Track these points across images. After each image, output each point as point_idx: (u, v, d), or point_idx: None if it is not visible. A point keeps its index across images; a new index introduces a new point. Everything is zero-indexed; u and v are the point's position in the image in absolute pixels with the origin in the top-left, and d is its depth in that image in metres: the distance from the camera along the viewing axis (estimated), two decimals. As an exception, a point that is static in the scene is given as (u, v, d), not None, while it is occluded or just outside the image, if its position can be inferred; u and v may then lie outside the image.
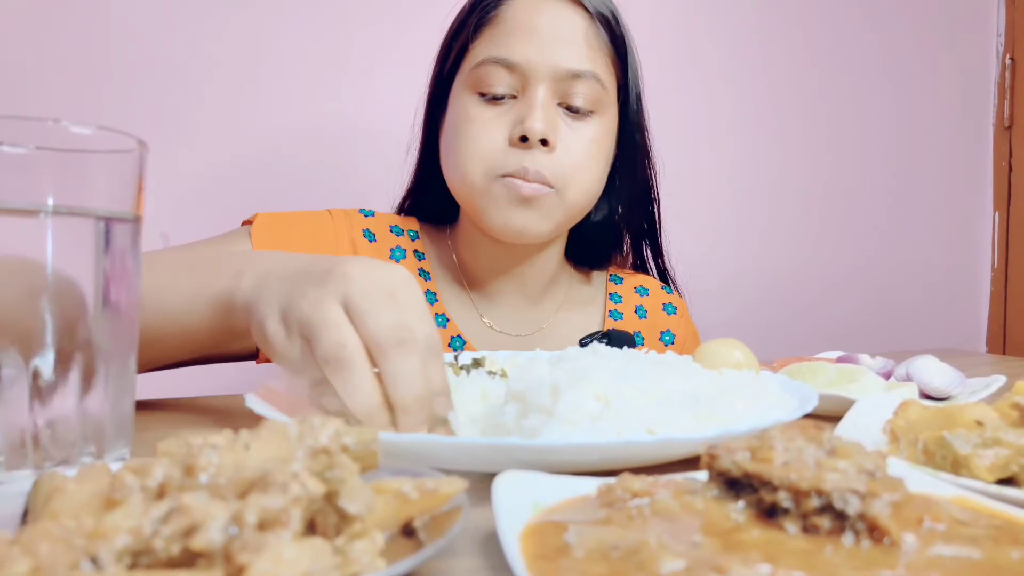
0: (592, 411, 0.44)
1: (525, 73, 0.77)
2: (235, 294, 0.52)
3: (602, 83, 0.80)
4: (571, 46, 0.78)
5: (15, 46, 1.11)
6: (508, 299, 0.90)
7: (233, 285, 0.53)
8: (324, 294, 0.44)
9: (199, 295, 0.56)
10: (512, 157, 0.77)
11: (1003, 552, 0.28)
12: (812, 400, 0.50)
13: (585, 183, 0.81)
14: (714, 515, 0.31)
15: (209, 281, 0.55)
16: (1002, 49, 1.91)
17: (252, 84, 1.25)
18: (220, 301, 0.54)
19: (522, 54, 0.77)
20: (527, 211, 0.78)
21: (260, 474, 0.26)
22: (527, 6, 0.79)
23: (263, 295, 0.49)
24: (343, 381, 0.43)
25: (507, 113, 0.78)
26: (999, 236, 1.93)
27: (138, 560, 0.23)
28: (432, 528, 0.30)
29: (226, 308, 0.54)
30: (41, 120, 0.38)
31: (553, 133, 0.77)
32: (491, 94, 0.78)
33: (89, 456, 0.39)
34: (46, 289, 0.38)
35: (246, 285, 0.52)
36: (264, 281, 0.50)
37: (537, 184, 0.77)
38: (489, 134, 0.78)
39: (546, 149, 0.77)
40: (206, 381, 0.92)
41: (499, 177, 0.77)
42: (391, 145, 0.96)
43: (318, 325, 0.43)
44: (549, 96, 0.78)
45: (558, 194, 0.79)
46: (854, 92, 1.76)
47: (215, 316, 0.55)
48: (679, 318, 0.99)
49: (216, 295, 0.54)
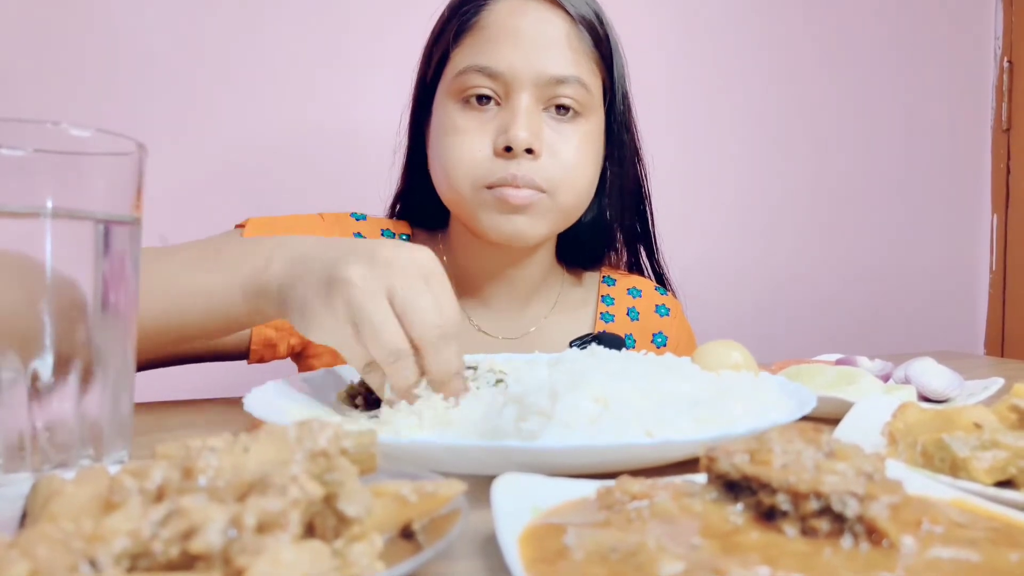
0: (591, 413, 0.44)
1: (508, 81, 0.77)
2: (266, 279, 0.56)
3: (586, 87, 0.79)
4: (554, 51, 0.77)
5: (13, 48, 1.11)
6: (498, 303, 0.89)
7: (263, 269, 0.57)
8: (373, 285, 0.49)
9: (229, 279, 0.58)
10: (498, 167, 0.76)
11: (1001, 554, 0.28)
12: (811, 402, 0.50)
13: (576, 185, 0.80)
14: (713, 517, 0.31)
15: (237, 266, 0.58)
16: (1000, 52, 1.91)
17: (245, 87, 1.26)
18: (250, 285, 0.57)
19: (504, 62, 0.76)
20: (518, 216, 0.78)
21: (259, 477, 0.26)
22: (508, 11, 0.78)
23: (302, 278, 0.53)
24: (396, 371, 0.50)
25: (491, 121, 0.78)
26: (997, 238, 1.93)
27: (137, 563, 0.23)
28: (431, 531, 0.30)
29: (256, 292, 0.57)
30: (40, 122, 0.38)
31: (538, 141, 0.76)
32: (474, 104, 0.78)
33: (87, 459, 0.39)
34: (45, 291, 0.38)
35: (278, 269, 0.56)
36: (301, 264, 0.54)
37: (527, 190, 0.77)
38: (474, 144, 0.77)
39: (531, 157, 0.76)
40: (200, 382, 0.92)
41: (487, 187, 0.77)
42: (384, 148, 0.96)
43: (373, 324, 0.49)
44: (533, 103, 0.77)
45: (550, 197, 0.78)
46: (852, 95, 1.76)
47: (245, 300, 0.58)
48: (672, 319, 0.98)
49: (246, 280, 0.57)
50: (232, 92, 1.24)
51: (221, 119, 1.24)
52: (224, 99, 1.24)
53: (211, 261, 0.60)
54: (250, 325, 0.63)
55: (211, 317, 0.60)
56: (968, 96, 1.90)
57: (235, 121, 1.25)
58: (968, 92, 1.90)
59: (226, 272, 0.59)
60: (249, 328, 0.71)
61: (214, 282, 0.59)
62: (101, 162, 0.40)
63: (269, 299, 0.56)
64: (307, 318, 0.52)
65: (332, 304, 0.50)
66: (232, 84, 1.24)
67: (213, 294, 0.59)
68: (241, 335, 0.77)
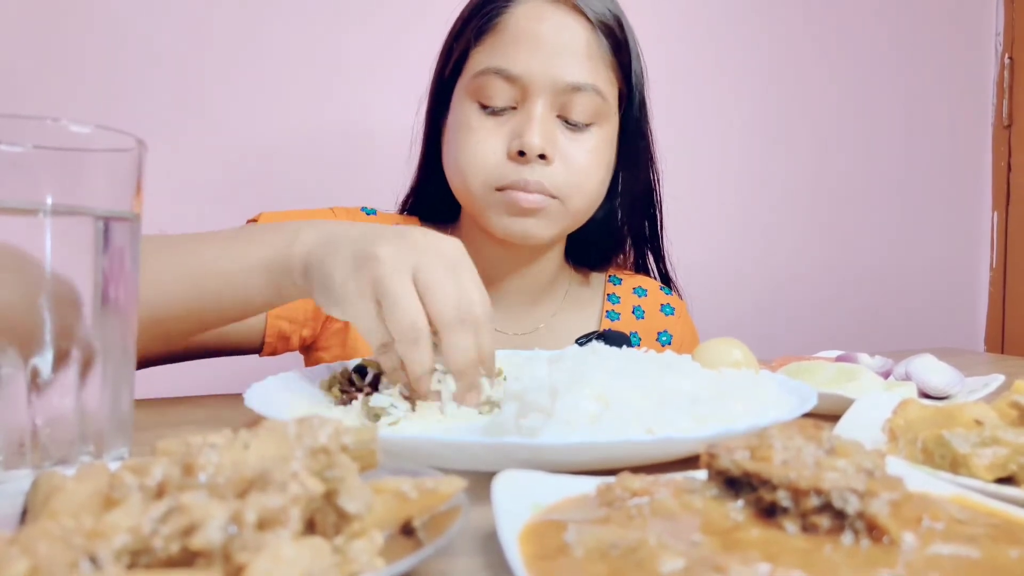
0: (591, 411, 0.44)
1: (525, 85, 0.77)
2: (292, 256, 0.57)
3: (602, 95, 0.79)
4: (572, 58, 0.77)
5: (14, 45, 1.11)
6: (507, 299, 0.90)
7: (287, 248, 0.58)
8: (399, 263, 0.51)
9: (251, 259, 0.59)
10: (511, 170, 0.77)
11: (1002, 551, 0.28)
12: (811, 399, 0.50)
13: (587, 192, 0.81)
14: (713, 514, 0.31)
15: (258, 247, 0.59)
16: (1001, 48, 1.91)
17: (254, 81, 1.25)
18: (274, 264, 0.58)
19: (522, 66, 0.77)
20: (527, 219, 0.79)
21: (259, 473, 0.26)
22: (529, 15, 0.78)
23: (330, 255, 0.54)
24: (411, 352, 0.51)
25: (506, 123, 0.79)
26: (998, 235, 1.93)
27: (137, 559, 0.23)
28: (431, 527, 0.30)
29: (280, 271, 0.58)
30: (40, 119, 0.38)
31: (551, 147, 0.77)
32: (491, 105, 0.78)
33: (88, 455, 0.39)
34: (44, 288, 0.38)
35: (303, 248, 0.57)
36: (329, 242, 0.55)
37: (538, 195, 0.78)
38: (488, 146, 0.78)
39: (544, 163, 0.77)
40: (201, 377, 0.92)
41: (498, 189, 0.78)
42: (395, 143, 0.96)
43: (394, 298, 0.50)
44: (548, 108, 0.78)
45: (561, 203, 0.79)
46: (853, 92, 1.76)
47: (267, 279, 0.58)
48: (677, 319, 0.99)
49: (270, 258, 0.58)
50: (239, 86, 1.24)
51: (227, 117, 1.24)
52: (229, 97, 1.24)
53: (232, 243, 0.61)
54: (269, 308, 0.63)
55: (231, 299, 0.60)
56: (969, 93, 1.90)
57: (241, 117, 1.25)
58: (969, 89, 1.90)
59: (248, 253, 0.59)
60: (266, 312, 0.71)
61: (235, 263, 0.59)
62: (101, 158, 0.40)
63: (293, 276, 0.57)
64: (332, 293, 0.53)
65: (358, 279, 0.51)
66: (238, 78, 1.24)
67: (234, 275, 0.59)
68: (255, 328, 0.77)
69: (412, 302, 0.50)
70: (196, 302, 0.60)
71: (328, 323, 0.83)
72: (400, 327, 0.50)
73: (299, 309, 0.80)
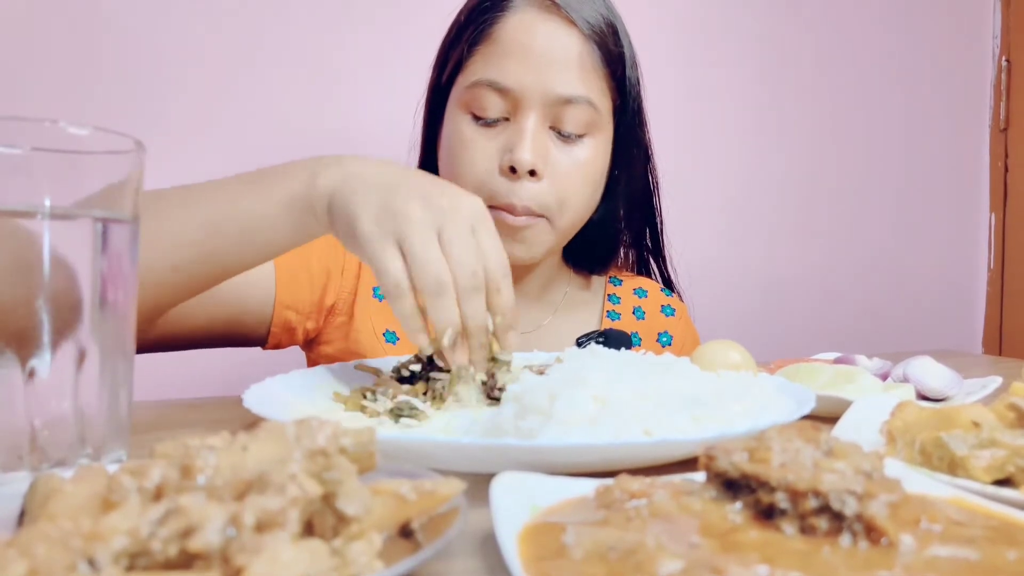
0: (589, 412, 0.44)
1: (517, 97, 0.77)
2: (314, 192, 0.58)
3: (595, 106, 0.79)
4: (564, 69, 0.77)
5: (12, 46, 1.11)
6: None
7: (309, 183, 0.58)
8: (427, 223, 0.54)
9: (273, 198, 0.59)
10: (502, 189, 0.78)
11: (1000, 553, 0.28)
12: (809, 401, 0.50)
13: (576, 208, 0.82)
14: (712, 516, 0.31)
15: (279, 186, 0.59)
16: (998, 51, 1.91)
17: (254, 85, 1.25)
18: (296, 201, 0.58)
19: (515, 78, 0.77)
20: (514, 243, 0.79)
21: (258, 475, 0.25)
22: (522, 26, 0.78)
23: (355, 198, 0.55)
24: (436, 305, 0.53)
25: (499, 135, 0.79)
26: (995, 237, 1.93)
27: (135, 562, 0.23)
28: (430, 529, 0.30)
29: (302, 208, 0.58)
30: (38, 121, 0.38)
31: (542, 162, 0.77)
32: (484, 117, 0.79)
33: (86, 458, 0.39)
34: (42, 290, 0.37)
35: (327, 183, 0.57)
36: (353, 181, 0.56)
37: (525, 216, 0.78)
38: (481, 160, 0.78)
39: (534, 179, 0.78)
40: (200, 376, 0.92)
41: (488, 207, 0.78)
42: (393, 145, 0.96)
43: (422, 253, 0.53)
44: (540, 121, 0.78)
45: (549, 221, 0.80)
46: (851, 95, 1.76)
47: (289, 217, 0.59)
48: (678, 320, 0.99)
49: (291, 195, 0.58)
50: (235, 88, 1.24)
51: (226, 120, 1.24)
52: (229, 101, 1.24)
53: (249, 185, 0.60)
54: (291, 246, 0.63)
55: (251, 240, 0.60)
56: (966, 95, 1.90)
57: (240, 122, 1.25)
58: (966, 91, 1.90)
59: (269, 192, 0.59)
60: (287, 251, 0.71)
61: (255, 204, 0.59)
62: (99, 160, 0.40)
63: (316, 212, 0.58)
64: (357, 238, 0.55)
65: (383, 228, 0.53)
66: (237, 86, 1.24)
67: (255, 214, 0.59)
68: (261, 318, 0.77)
69: (438, 257, 0.53)
70: (215, 246, 0.60)
71: (331, 316, 0.83)
72: (426, 281, 0.53)
73: (305, 300, 0.80)
